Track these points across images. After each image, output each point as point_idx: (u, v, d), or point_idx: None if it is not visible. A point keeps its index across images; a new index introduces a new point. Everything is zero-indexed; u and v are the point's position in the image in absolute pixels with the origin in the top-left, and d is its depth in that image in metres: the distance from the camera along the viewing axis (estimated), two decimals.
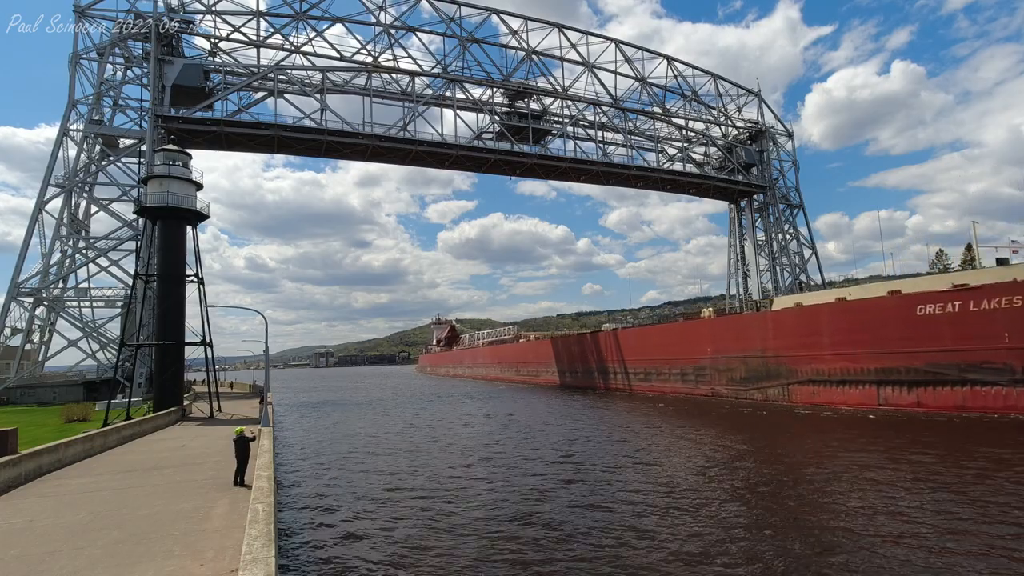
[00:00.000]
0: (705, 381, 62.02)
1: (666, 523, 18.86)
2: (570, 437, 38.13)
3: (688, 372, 64.82)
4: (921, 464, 25.92)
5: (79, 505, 15.81)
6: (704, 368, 62.19)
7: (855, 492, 21.87)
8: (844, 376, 46.92)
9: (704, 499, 21.59)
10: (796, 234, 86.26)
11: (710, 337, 62.15)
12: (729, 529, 17.99)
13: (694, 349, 63.80)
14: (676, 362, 66.67)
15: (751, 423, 42.78)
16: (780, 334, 52.98)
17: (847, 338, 46.50)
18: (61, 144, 56.47)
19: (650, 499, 21.88)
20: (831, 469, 25.82)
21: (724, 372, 59.38)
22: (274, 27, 64.00)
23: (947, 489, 21.64)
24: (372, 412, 63.16)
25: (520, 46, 73.92)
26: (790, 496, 21.81)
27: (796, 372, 50.93)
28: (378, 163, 74.87)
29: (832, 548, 16.00)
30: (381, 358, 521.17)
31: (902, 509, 19.38)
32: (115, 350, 54.05)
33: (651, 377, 71.38)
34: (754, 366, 55.65)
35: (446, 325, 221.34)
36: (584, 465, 28.79)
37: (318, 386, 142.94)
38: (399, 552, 17.04)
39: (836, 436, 34.82)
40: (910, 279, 50.08)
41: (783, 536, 17.25)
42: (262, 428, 26.60)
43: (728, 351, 58.86)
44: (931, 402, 41.64)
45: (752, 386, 55.80)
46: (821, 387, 48.70)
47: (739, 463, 28.14)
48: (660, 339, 71.98)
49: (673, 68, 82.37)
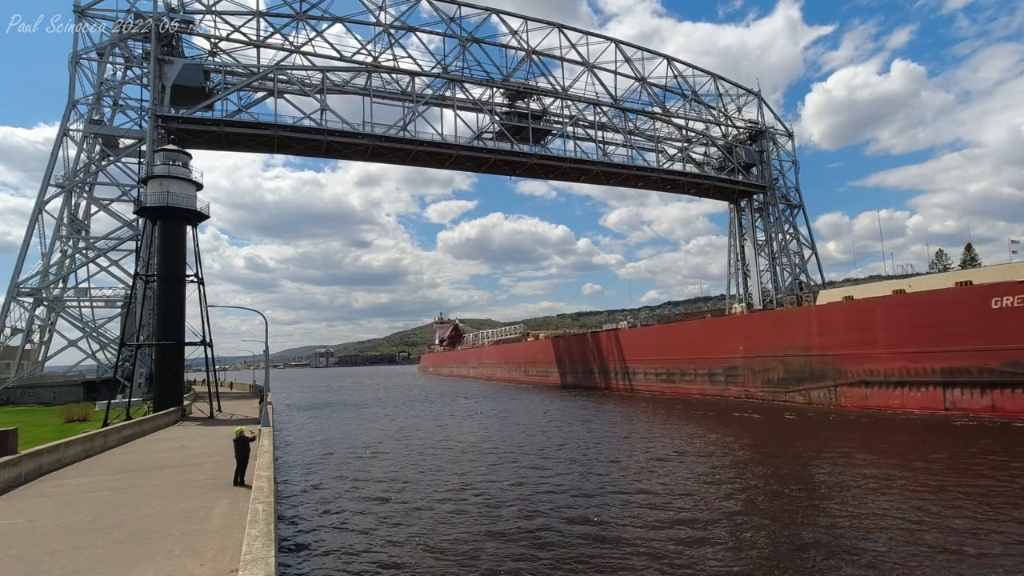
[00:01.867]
0: (737, 382, 57.64)
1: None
2: (600, 447, 34.63)
3: (717, 373, 60.33)
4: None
5: (79, 505, 15.81)
6: (736, 368, 57.76)
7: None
8: (903, 377, 42.55)
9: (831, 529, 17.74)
10: (796, 234, 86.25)
11: (743, 335, 57.71)
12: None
13: (724, 348, 59.40)
14: (702, 362, 62.17)
15: (809, 430, 38.09)
16: (826, 330, 48.67)
17: (907, 335, 42.05)
18: (61, 144, 56.45)
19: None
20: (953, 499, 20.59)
21: (759, 372, 54.93)
22: (274, 27, 63.98)
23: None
24: (375, 414, 63.06)
25: (520, 46, 73.91)
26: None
27: (845, 372, 46.69)
28: (378, 163, 74.89)
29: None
30: (381, 358, 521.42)
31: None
32: (115, 350, 54.03)
33: (674, 378, 66.96)
34: (795, 366, 51.13)
35: (449, 325, 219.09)
36: (627, 480, 25.45)
37: (319, 386, 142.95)
38: (400, 552, 17.04)
39: (924, 448, 30.05)
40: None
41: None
42: (262, 428, 26.61)
43: (764, 349, 54.40)
44: (1009, 406, 37.51)
45: (792, 388, 51.38)
46: (875, 389, 44.30)
47: (834, 485, 23.32)
48: (683, 337, 67.32)
49: (673, 68, 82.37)
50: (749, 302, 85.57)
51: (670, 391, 66.98)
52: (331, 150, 67.92)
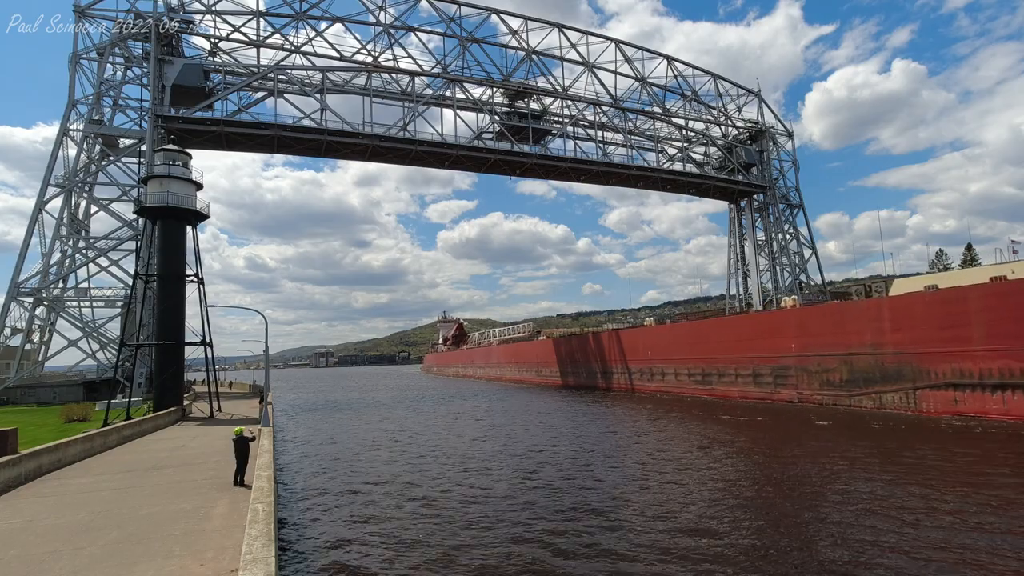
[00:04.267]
0: (788, 384, 51.95)
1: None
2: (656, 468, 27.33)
3: (763, 373, 54.46)
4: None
5: (79, 505, 15.81)
6: (787, 369, 52.12)
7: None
8: (1005, 379, 36.93)
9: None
10: (796, 234, 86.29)
11: (795, 330, 51.75)
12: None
13: (772, 345, 53.73)
14: (746, 361, 56.52)
15: (913, 441, 31.57)
16: (904, 325, 42.92)
17: (1014, 329, 36.42)
18: (61, 144, 56.47)
19: None
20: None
21: (816, 373, 49.34)
22: (274, 27, 64.02)
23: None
24: (387, 417, 62.76)
25: (520, 46, 73.95)
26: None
27: (928, 373, 41.08)
28: (378, 163, 74.92)
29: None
30: (381, 358, 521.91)
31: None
32: (115, 350, 54.01)
33: (710, 379, 61.04)
34: (862, 366, 45.36)
35: (453, 324, 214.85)
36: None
37: (319, 387, 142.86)
38: (400, 552, 17.01)
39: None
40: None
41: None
42: (262, 428, 26.62)
43: (823, 347, 48.82)
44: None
45: (859, 390, 45.69)
46: (968, 392, 38.75)
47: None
48: (721, 334, 61.02)
49: (673, 68, 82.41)
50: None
51: (705, 393, 61.43)
52: (331, 150, 67.95)
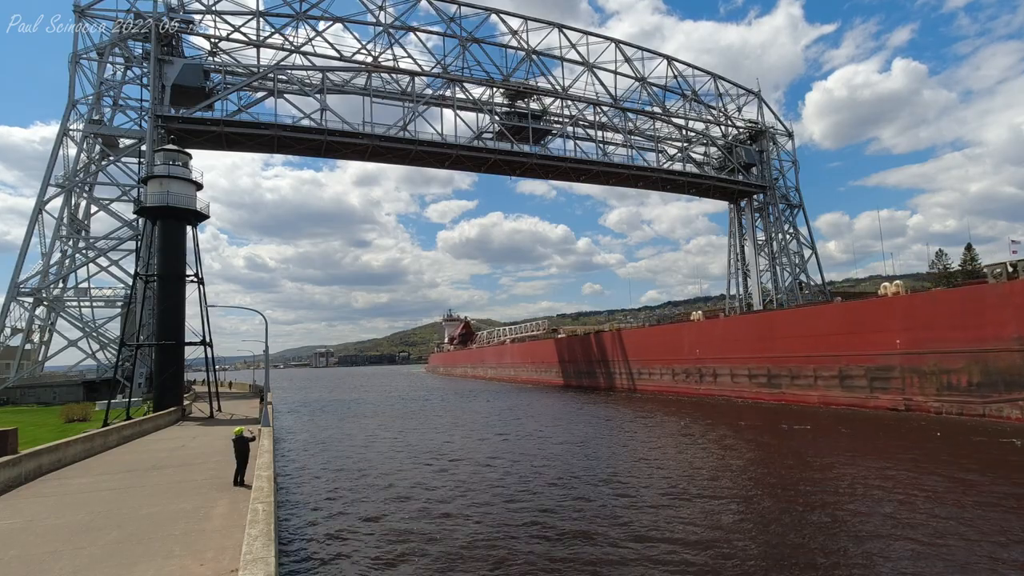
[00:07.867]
0: (891, 388, 43.96)
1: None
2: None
3: (854, 375, 46.47)
4: None
5: (79, 505, 15.83)
6: (890, 369, 44.08)
7: None
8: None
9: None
10: (796, 234, 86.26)
11: (902, 323, 43.78)
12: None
13: (866, 341, 46.00)
14: (829, 360, 48.76)
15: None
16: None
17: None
18: (61, 144, 56.47)
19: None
20: None
21: (932, 375, 41.21)
22: (274, 27, 63.98)
23: None
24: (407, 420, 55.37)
25: (520, 46, 73.93)
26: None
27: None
28: (378, 163, 74.91)
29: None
30: (381, 358, 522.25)
31: None
32: (115, 350, 53.99)
33: (779, 381, 53.42)
34: (1001, 366, 37.40)
35: (459, 322, 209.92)
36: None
37: (320, 387, 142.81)
38: (400, 552, 17.01)
39: None
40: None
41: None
42: (262, 428, 26.64)
43: (942, 342, 40.89)
44: None
45: (996, 396, 37.79)
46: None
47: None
48: (797, 329, 53.05)
49: (673, 68, 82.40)
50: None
51: (771, 398, 53.91)
52: (331, 150, 67.94)
